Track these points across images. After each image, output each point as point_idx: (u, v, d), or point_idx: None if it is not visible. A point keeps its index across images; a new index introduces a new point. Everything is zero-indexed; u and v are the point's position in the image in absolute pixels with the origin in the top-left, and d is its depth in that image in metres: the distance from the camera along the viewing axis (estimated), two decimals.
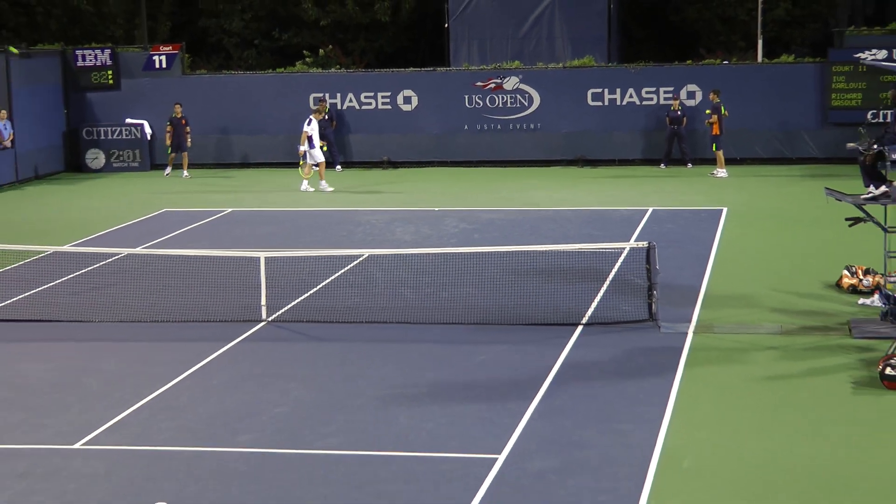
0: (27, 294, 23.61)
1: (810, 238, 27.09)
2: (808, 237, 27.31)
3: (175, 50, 43.06)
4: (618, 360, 18.74)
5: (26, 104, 40.72)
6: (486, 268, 23.72)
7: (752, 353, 18.97)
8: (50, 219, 32.83)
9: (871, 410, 16.26)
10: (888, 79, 33.84)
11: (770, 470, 14.25)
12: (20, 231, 30.19)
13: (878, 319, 20.29)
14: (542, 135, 40.63)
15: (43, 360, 19.56)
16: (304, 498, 13.69)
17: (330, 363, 18.96)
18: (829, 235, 25.54)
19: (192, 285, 23.24)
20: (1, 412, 16.91)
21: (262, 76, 43.45)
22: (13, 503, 13.78)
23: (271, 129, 41.87)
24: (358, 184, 37.25)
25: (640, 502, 13.26)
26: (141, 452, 15.14)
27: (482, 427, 15.78)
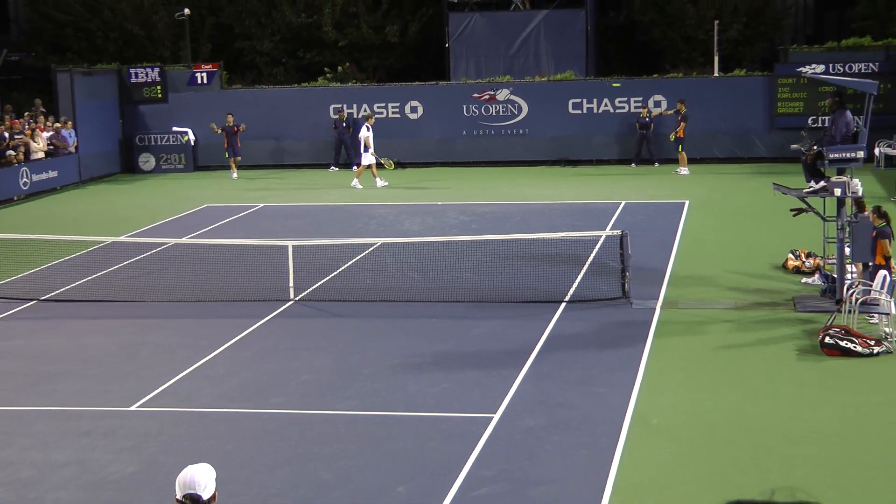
0: (89, 278, 23.63)
1: (760, 226, 27.08)
2: (758, 226, 27.30)
3: (214, 68, 43.06)
4: (595, 332, 18.77)
5: (88, 115, 40.75)
6: (482, 254, 23.74)
7: (711, 325, 18.99)
8: (108, 213, 32.84)
9: (812, 374, 16.30)
10: (826, 89, 33.74)
11: (726, 426, 14.28)
12: (83, 224, 30.21)
13: (818, 296, 20.33)
14: (529, 139, 40.59)
15: (103, 334, 19.60)
16: (326, 452, 13.73)
17: (348, 336, 18.99)
18: (776, 224, 25.54)
19: (229, 270, 23.26)
20: (68, 380, 16.97)
21: (288, 90, 43.38)
22: (79, 457, 13.85)
23: (296, 135, 41.83)
24: (371, 182, 37.21)
25: (615, 455, 13.29)
26: (186, 414, 15.19)
27: (479, 390, 15.81)
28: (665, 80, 41.27)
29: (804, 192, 20.32)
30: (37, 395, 16.30)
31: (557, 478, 12.69)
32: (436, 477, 12.76)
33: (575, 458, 13.27)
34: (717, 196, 32.50)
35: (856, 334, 17.06)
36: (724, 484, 12.36)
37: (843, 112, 20.23)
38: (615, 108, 40.19)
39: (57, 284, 23.10)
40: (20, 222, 30.95)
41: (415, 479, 12.76)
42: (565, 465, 13.08)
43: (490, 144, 40.85)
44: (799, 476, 12.47)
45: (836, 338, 17.00)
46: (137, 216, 31.65)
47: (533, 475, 12.78)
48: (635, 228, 24.04)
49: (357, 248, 24.99)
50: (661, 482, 12.57)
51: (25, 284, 23.14)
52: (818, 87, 36.40)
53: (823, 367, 16.54)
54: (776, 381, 16.07)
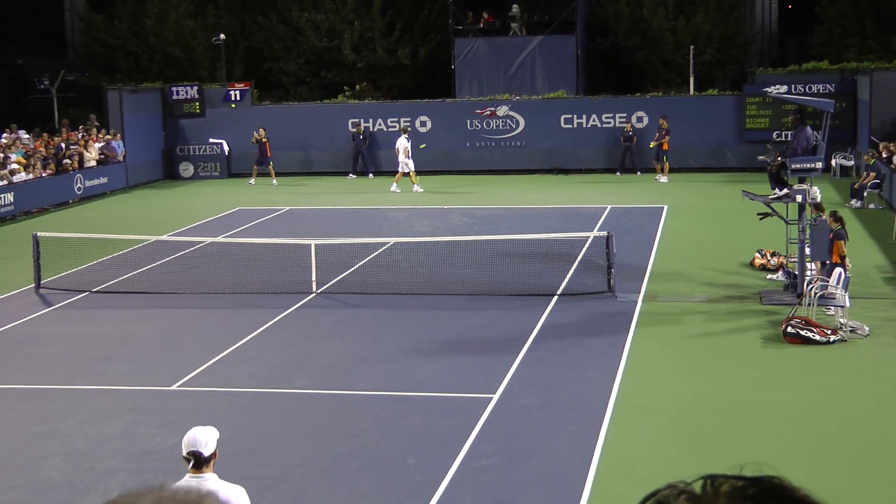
0: (135, 272, 23.65)
1: (730, 228, 27.07)
2: (728, 228, 27.29)
3: (246, 86, 43.05)
4: (584, 322, 18.77)
5: (135, 128, 40.80)
6: (483, 252, 23.74)
7: (687, 316, 18.99)
8: (151, 215, 32.88)
9: (775, 359, 16.31)
10: (788, 107, 33.77)
11: (699, 404, 14.29)
12: (130, 224, 30.24)
13: (781, 290, 20.33)
14: (526, 150, 40.56)
15: (147, 322, 19.63)
16: (344, 427, 13.74)
17: (364, 325, 19.01)
18: (744, 226, 25.52)
19: (258, 266, 23.27)
20: (116, 362, 17.00)
21: (312, 106, 43.38)
22: (126, 431, 13.88)
23: (319, 146, 41.79)
24: (385, 188, 37.22)
25: (601, 430, 13.30)
26: (221, 393, 15.21)
27: (480, 373, 15.82)
28: (647, 98, 41.27)
29: (769, 198, 20.34)
30: (89, 375, 16.34)
31: (550, 451, 12.71)
32: (441, 450, 12.77)
33: (565, 433, 13.28)
34: (693, 201, 32.49)
35: (814, 324, 17.07)
36: (698, 455, 12.37)
37: (804, 127, 20.26)
38: (602, 122, 40.18)
39: (106, 278, 23.13)
40: (75, 223, 30.99)
41: (423, 452, 12.77)
42: (557, 439, 13.09)
43: (491, 155, 40.84)
44: (764, 448, 12.48)
45: (797, 327, 17.02)
46: (178, 218, 31.69)
47: (528, 448, 12.79)
48: (620, 230, 24.03)
49: (372, 247, 25.00)
50: (643, 454, 12.58)
51: (79, 278, 23.17)
52: (782, 105, 36.38)
53: (786, 354, 16.55)
54: (744, 365, 16.07)
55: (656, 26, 46.49)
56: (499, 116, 40.85)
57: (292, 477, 12.01)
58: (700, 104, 40.09)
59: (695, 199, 32.91)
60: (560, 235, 24.62)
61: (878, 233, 26.06)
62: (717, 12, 47.00)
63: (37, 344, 18.37)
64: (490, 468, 12.22)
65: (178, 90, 42.86)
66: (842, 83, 38.55)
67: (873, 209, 30.05)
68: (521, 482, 11.83)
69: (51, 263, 22.80)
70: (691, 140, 39.03)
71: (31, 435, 13.86)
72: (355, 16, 48.06)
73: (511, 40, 46.16)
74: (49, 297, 21.71)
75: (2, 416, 14.67)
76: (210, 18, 49.50)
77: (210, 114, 42.63)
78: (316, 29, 48.42)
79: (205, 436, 7.60)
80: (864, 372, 15.64)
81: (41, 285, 22.29)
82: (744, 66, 47.51)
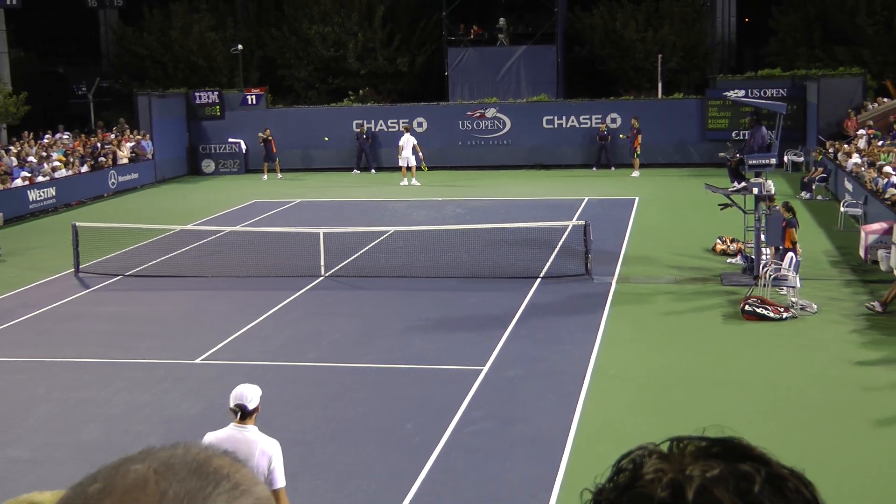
0: (163, 258, 23.62)
1: (694, 217, 27.07)
2: (692, 217, 27.28)
3: (261, 91, 42.93)
4: (564, 302, 18.77)
5: (162, 129, 40.70)
6: (474, 239, 23.73)
7: (655, 296, 19.00)
8: (177, 207, 32.81)
9: (734, 334, 16.32)
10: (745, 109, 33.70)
11: (667, 375, 14.30)
12: (158, 215, 30.19)
13: (740, 273, 20.33)
14: (512, 148, 40.50)
15: (174, 302, 19.61)
16: (349, 396, 13.74)
17: (367, 305, 18.99)
18: (707, 216, 25.50)
19: (272, 252, 23.26)
20: (147, 338, 16.97)
21: (320, 109, 43.28)
22: (156, 399, 13.88)
23: (326, 145, 41.73)
24: (386, 182, 37.18)
25: (579, 399, 13.31)
26: (239, 366, 15.19)
27: (472, 347, 15.82)
28: (619, 101, 41.19)
29: (729, 190, 20.34)
30: (123, 350, 16.32)
31: (533, 417, 12.71)
32: (437, 416, 12.77)
33: (547, 401, 13.29)
34: (661, 194, 32.48)
35: (769, 303, 17.09)
36: (666, 420, 12.38)
37: (760, 127, 20.25)
38: (580, 123, 40.12)
39: (138, 263, 23.09)
40: (109, 214, 30.91)
41: (420, 418, 12.77)
42: (539, 406, 13.09)
43: (480, 152, 40.79)
44: (724, 413, 12.48)
45: (753, 306, 17.04)
46: (201, 209, 31.63)
47: (514, 415, 12.79)
48: (596, 219, 24.00)
49: (374, 235, 24.98)
50: (617, 419, 12.59)
51: (113, 263, 23.13)
52: (740, 107, 36.34)
53: (743, 329, 16.57)
54: (707, 339, 16.09)
55: (628, 37, 46.41)
56: (487, 118, 40.79)
57: (303, 441, 12.00)
58: (667, 107, 40.04)
59: (663, 192, 32.90)
60: (542, 224, 24.59)
61: (825, 221, 26.10)
62: (682, 25, 46.97)
63: (76, 322, 18.36)
64: (480, 432, 12.22)
65: (201, 95, 42.72)
66: (793, 88, 38.53)
67: (821, 200, 30.10)
68: (508, 445, 11.83)
69: (88, 250, 22.74)
70: (659, 139, 38.99)
71: (72, 402, 13.86)
72: (359, 28, 47.95)
73: (498, 50, 46.08)
74: (87, 281, 21.68)
75: (48, 385, 14.66)
76: (229, 31, 49.39)
77: (229, 116, 42.50)
78: (324, 40, 48.27)
79: (250, 392, 7.81)
80: (812, 345, 15.66)
81: (80, 270, 22.24)
82: (706, 72, 47.43)
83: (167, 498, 1.13)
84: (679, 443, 1.21)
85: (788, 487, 1.17)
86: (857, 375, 14.10)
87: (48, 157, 34.96)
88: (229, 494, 1.16)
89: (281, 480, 7.61)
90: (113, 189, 36.55)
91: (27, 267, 23.34)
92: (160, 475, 1.16)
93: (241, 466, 1.23)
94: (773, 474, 1.17)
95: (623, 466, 1.22)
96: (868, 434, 12.04)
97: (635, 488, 1.17)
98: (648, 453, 1.21)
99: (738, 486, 1.14)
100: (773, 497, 1.15)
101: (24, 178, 32.27)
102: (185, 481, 1.15)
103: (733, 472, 1.16)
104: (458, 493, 10.61)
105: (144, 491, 1.14)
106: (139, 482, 1.15)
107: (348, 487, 10.82)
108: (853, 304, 17.89)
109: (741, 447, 1.20)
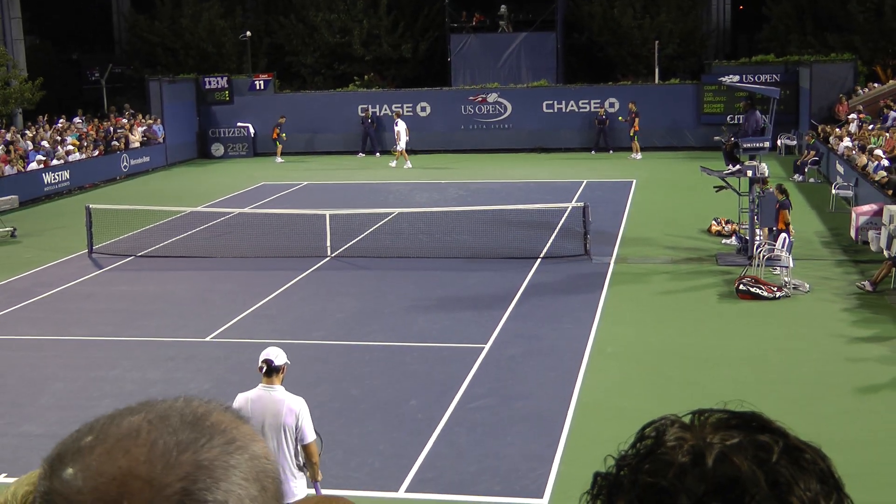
0: (173, 239, 23.57)
1: (690, 199, 26.98)
2: (688, 199, 27.20)
3: (269, 77, 42.78)
4: (563, 281, 18.71)
5: (173, 113, 40.60)
6: (476, 221, 23.66)
7: (652, 276, 18.94)
8: (187, 189, 32.74)
9: (729, 313, 16.27)
10: (740, 94, 33.60)
11: (663, 352, 14.25)
12: (169, 197, 30.12)
13: (734, 253, 20.27)
14: (513, 132, 40.36)
15: (185, 282, 19.57)
16: (355, 373, 13.71)
17: (372, 284, 18.94)
18: (702, 197, 25.44)
19: (280, 233, 23.20)
20: (157, 317, 16.94)
21: (326, 94, 43.11)
22: (167, 376, 13.85)
23: (333, 129, 41.53)
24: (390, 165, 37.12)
25: (578, 375, 13.27)
26: (248, 344, 15.12)
27: (474, 326, 15.77)
28: (617, 86, 41.05)
29: (724, 173, 20.27)
30: (135, 328, 16.28)
31: (534, 393, 12.67)
32: (440, 392, 12.73)
33: (547, 377, 13.24)
34: (658, 176, 32.38)
35: (763, 283, 17.04)
36: (662, 395, 12.33)
37: (754, 112, 20.17)
38: (579, 108, 39.96)
39: (149, 244, 23.04)
40: (121, 196, 30.86)
41: (424, 394, 12.73)
42: (539, 383, 13.05)
43: (482, 136, 40.65)
44: (719, 388, 12.44)
45: (748, 285, 16.99)
46: (210, 191, 31.57)
47: (515, 391, 12.75)
48: (594, 201, 23.91)
49: (379, 217, 24.91)
50: (614, 395, 12.55)
51: (125, 244, 23.08)
52: (734, 92, 36.18)
53: (738, 308, 16.51)
54: (702, 318, 16.04)
55: (625, 24, 46.18)
56: (489, 103, 40.63)
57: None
58: (664, 92, 39.86)
59: (659, 174, 32.80)
60: (542, 206, 24.51)
61: (817, 203, 26.00)
62: (678, 12, 46.76)
63: (89, 301, 18.32)
64: (482, 408, 12.18)
65: (210, 80, 42.56)
66: (786, 74, 38.37)
67: (813, 183, 29.98)
68: (509, 420, 11.79)
69: (101, 231, 22.69)
70: (656, 123, 38.83)
71: (87, 379, 13.83)
72: (364, 15, 47.80)
73: (499, 36, 45.91)
74: (100, 261, 21.64)
75: (61, 363, 14.63)
76: (238, 18, 49.28)
77: (238, 101, 42.34)
78: (330, 27, 48.11)
79: (276, 351, 8.16)
80: (805, 323, 15.61)
81: (93, 250, 22.20)
82: (701, 58, 47.25)
83: (157, 448, 1.11)
84: (701, 415, 1.23)
85: (805, 459, 1.18)
86: (847, 351, 14.05)
87: (62, 141, 34.89)
88: (222, 448, 1.13)
89: (311, 435, 7.94)
90: (125, 172, 36.49)
91: (42, 247, 23.30)
92: (153, 425, 1.14)
93: (242, 423, 1.19)
94: (790, 445, 1.19)
95: (646, 434, 1.23)
96: (858, 407, 12.01)
97: (657, 454, 1.19)
98: (671, 423, 1.23)
99: (757, 454, 1.16)
100: (790, 467, 1.16)
101: (39, 162, 32.22)
102: (178, 433, 1.13)
103: (752, 442, 1.18)
104: (461, 467, 10.57)
105: (135, 441, 1.12)
106: (131, 432, 1.14)
107: (353, 462, 10.78)
108: (844, 283, 17.83)
109: (760, 420, 1.23)
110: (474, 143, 40.51)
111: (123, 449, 1.12)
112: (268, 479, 1.17)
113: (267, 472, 1.17)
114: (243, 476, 1.13)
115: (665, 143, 39.11)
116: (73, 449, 1.15)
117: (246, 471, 1.14)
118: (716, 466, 1.15)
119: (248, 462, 1.15)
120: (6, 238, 24.65)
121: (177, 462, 1.11)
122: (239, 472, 1.13)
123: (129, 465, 1.10)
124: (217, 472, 1.12)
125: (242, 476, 1.13)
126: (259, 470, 1.16)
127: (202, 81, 42.55)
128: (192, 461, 1.11)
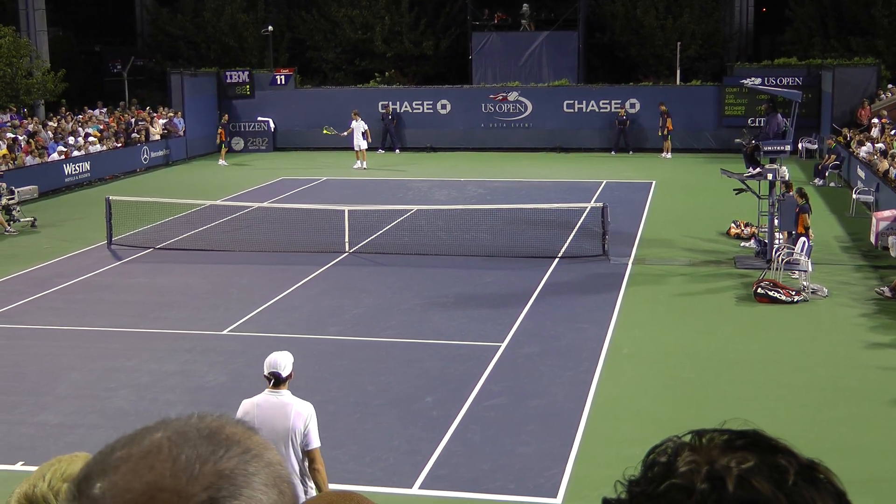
0: (192, 232, 23.65)
1: (709, 201, 26.89)
2: (708, 201, 27.11)
3: (290, 72, 42.84)
4: (581, 281, 18.69)
5: (194, 107, 40.68)
6: (494, 219, 23.66)
7: (670, 277, 18.90)
8: (207, 183, 32.84)
9: (747, 316, 16.22)
10: (761, 97, 33.48)
11: (680, 354, 14.22)
12: (189, 190, 30.22)
13: (753, 256, 20.20)
14: (533, 131, 40.31)
15: (202, 275, 19.63)
16: (371, 369, 13.73)
17: (389, 280, 18.96)
18: (722, 200, 25.35)
19: (299, 228, 23.25)
20: (175, 310, 17.00)
21: (347, 89, 43.14)
22: (183, 368, 13.90)
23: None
24: (409, 162, 37.12)
25: (594, 376, 13.25)
26: (264, 338, 15.19)
27: (490, 324, 15.78)
28: (638, 87, 40.94)
29: (744, 176, 20.20)
30: (152, 320, 16.35)
31: (549, 393, 12.67)
32: (455, 390, 12.74)
33: (563, 377, 13.24)
34: (677, 178, 32.29)
35: (781, 286, 16.97)
36: (678, 398, 12.32)
37: (775, 115, 20.12)
38: (599, 108, 39.88)
39: (168, 236, 23.14)
40: (141, 188, 30.99)
41: (439, 391, 12.75)
42: (555, 383, 13.04)
43: (502, 135, 40.62)
44: (735, 392, 12.44)
45: (766, 289, 16.93)
46: (229, 185, 31.65)
47: (530, 390, 12.75)
48: (613, 202, 23.87)
49: (397, 213, 24.93)
50: (630, 397, 12.53)
51: (144, 236, 23.18)
52: (756, 95, 36.06)
53: (755, 311, 16.46)
54: (719, 320, 15.99)
55: (648, 25, 46.04)
56: (509, 101, 40.57)
57: (325, 411, 11.96)
58: (685, 93, 39.73)
59: (679, 176, 32.70)
60: (561, 206, 24.46)
61: (837, 207, 25.89)
62: (701, 13, 46.58)
63: (107, 292, 18.41)
64: (497, 407, 12.19)
65: (232, 75, 42.66)
66: (808, 77, 38.18)
67: (833, 187, 29.87)
68: (524, 419, 11.79)
69: (121, 223, 22.81)
70: (677, 124, 38.67)
71: (104, 370, 13.90)
72: (386, 11, 47.80)
73: (521, 35, 45.85)
74: (119, 252, 21.74)
75: (79, 353, 14.71)
76: (260, 13, 49.37)
77: (259, 95, 42.43)
78: (351, 23, 48.13)
79: (283, 360, 7.98)
80: (823, 328, 15.55)
81: (112, 242, 22.31)
82: (723, 60, 47.06)
83: (180, 462, 1.17)
84: (702, 436, 1.21)
85: (819, 478, 1.17)
86: (864, 357, 13.99)
87: (84, 132, 35.05)
88: (240, 458, 1.19)
89: (316, 441, 7.85)
90: (145, 164, 36.63)
91: (62, 238, 23.42)
92: (173, 441, 1.20)
93: (254, 434, 1.26)
94: (803, 465, 1.18)
95: (655, 460, 1.21)
96: (877, 413, 11.95)
97: (672, 480, 1.17)
98: (679, 446, 1.21)
99: (773, 476, 1.15)
100: (808, 487, 1.15)
101: (59, 153, 32.39)
102: (198, 446, 1.19)
103: (767, 464, 1.16)
104: (475, 464, 10.58)
105: (158, 456, 1.18)
106: (153, 448, 1.19)
107: (368, 458, 10.81)
108: (863, 288, 17.75)
109: (766, 440, 1.21)
110: (494, 142, 40.48)
111: (148, 465, 1.17)
112: (284, 483, 1.23)
113: (283, 478, 1.24)
114: (263, 482, 1.19)
115: (685, 144, 38.98)
116: (100, 469, 1.19)
117: (265, 477, 1.20)
118: (736, 491, 1.13)
119: (266, 469, 1.21)
120: (26, 228, 24.81)
121: (200, 473, 1.16)
122: (259, 479, 1.19)
123: (156, 479, 1.15)
124: (238, 480, 1.17)
125: (262, 482, 1.19)
126: (276, 476, 1.22)
127: (223, 75, 42.65)
128: (214, 471, 1.17)
